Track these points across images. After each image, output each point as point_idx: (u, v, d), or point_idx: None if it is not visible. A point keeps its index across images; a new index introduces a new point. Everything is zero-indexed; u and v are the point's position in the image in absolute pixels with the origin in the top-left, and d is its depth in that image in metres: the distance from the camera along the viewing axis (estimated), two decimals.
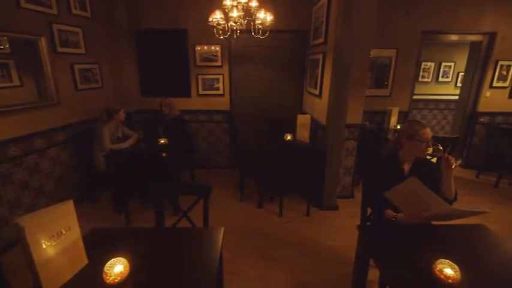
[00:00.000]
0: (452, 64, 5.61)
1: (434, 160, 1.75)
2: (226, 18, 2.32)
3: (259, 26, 2.44)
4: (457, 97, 4.62)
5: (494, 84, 3.93)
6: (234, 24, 2.34)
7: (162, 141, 2.93)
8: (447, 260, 1.06)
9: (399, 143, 1.60)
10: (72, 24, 2.86)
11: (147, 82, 3.90)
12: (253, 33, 2.53)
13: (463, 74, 4.66)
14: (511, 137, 3.57)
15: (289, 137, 3.19)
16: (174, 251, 1.25)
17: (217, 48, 3.74)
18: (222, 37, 2.49)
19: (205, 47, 3.74)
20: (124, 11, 3.50)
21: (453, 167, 1.42)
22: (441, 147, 1.46)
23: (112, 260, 1.04)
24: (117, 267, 1.02)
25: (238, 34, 2.57)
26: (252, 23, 2.43)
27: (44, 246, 0.94)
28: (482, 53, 3.90)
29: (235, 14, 2.21)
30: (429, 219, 1.40)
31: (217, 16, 2.32)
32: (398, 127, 3.54)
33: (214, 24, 2.37)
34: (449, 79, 5.71)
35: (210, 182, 1.65)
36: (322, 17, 3.00)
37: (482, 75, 3.96)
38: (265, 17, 2.39)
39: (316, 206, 3.07)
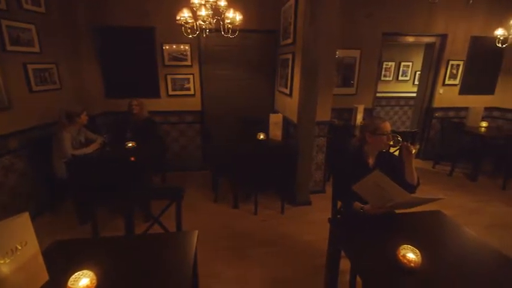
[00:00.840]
0: (411, 64, 6.06)
1: (396, 153, 1.88)
2: (195, 16, 2.28)
3: (229, 26, 2.42)
4: (415, 94, 5.00)
5: (447, 82, 4.31)
6: (202, 23, 2.29)
7: (130, 145, 2.80)
8: (409, 246, 1.15)
9: (363, 138, 1.70)
10: (24, 21, 2.62)
11: (111, 83, 3.69)
12: (222, 33, 2.51)
13: (419, 72, 5.04)
14: (462, 130, 3.94)
15: (262, 136, 3.22)
16: (145, 259, 1.20)
17: (187, 47, 3.65)
18: (190, 36, 2.44)
19: (174, 46, 3.64)
20: (84, 6, 3.27)
21: (413, 152, 1.55)
22: (400, 138, 1.58)
23: (76, 273, 0.97)
24: (83, 281, 0.95)
25: (207, 33, 2.52)
26: (221, 22, 2.41)
27: None
28: (436, 54, 4.25)
29: (203, 12, 2.18)
30: (393, 208, 1.51)
31: (185, 14, 2.27)
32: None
33: (182, 23, 2.31)
34: (408, 78, 6.15)
35: (182, 185, 1.61)
36: (291, 18, 3.07)
37: (436, 73, 4.32)
38: (234, 16, 2.38)
39: (290, 202, 3.14)
